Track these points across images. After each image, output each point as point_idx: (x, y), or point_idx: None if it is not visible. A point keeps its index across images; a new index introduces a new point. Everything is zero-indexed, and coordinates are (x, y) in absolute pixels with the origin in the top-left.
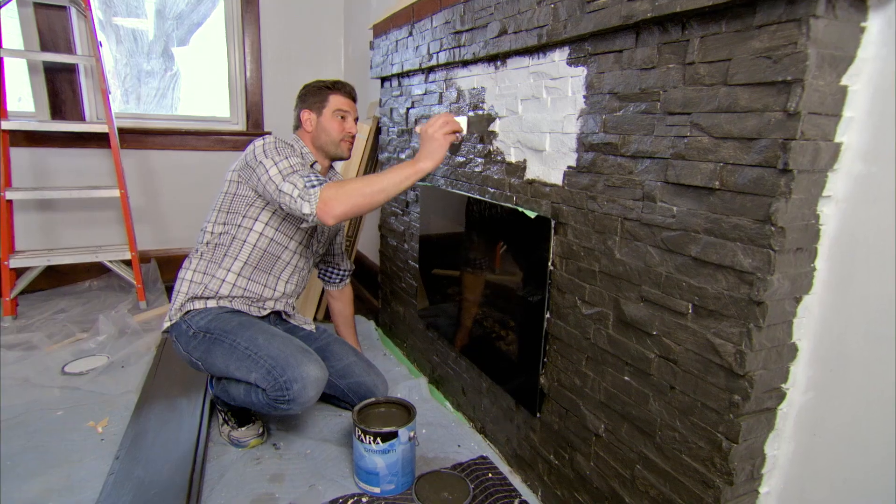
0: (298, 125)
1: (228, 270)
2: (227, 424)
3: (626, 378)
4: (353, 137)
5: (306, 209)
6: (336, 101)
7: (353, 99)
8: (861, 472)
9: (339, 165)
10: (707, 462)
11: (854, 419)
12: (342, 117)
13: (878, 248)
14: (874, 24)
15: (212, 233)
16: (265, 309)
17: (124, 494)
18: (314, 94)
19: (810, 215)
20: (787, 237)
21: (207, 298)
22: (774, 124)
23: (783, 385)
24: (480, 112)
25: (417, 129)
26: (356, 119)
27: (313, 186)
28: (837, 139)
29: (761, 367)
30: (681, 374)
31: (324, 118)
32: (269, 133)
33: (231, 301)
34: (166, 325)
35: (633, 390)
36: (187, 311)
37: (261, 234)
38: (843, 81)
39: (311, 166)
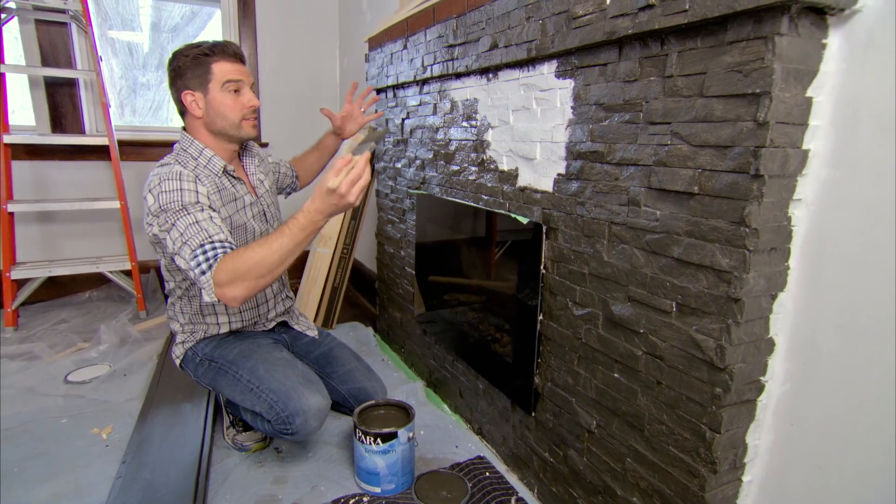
0: (183, 110)
1: (216, 314)
2: (234, 427)
3: (615, 375)
4: (256, 111)
5: (206, 297)
6: (221, 69)
7: (242, 60)
8: (835, 458)
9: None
10: (692, 452)
11: (827, 408)
12: (235, 90)
13: (843, 248)
14: (834, 40)
15: (176, 283)
16: (270, 322)
17: (132, 496)
18: (192, 67)
19: (782, 217)
20: (761, 238)
21: (208, 338)
22: (746, 133)
23: (762, 377)
24: (378, 129)
25: (332, 184)
26: (252, 86)
27: (203, 273)
28: (805, 146)
29: (740, 360)
30: (666, 369)
31: (212, 97)
32: (173, 164)
33: (231, 332)
34: (177, 361)
35: (623, 387)
36: (190, 346)
37: None
38: (808, 93)
39: (226, 172)
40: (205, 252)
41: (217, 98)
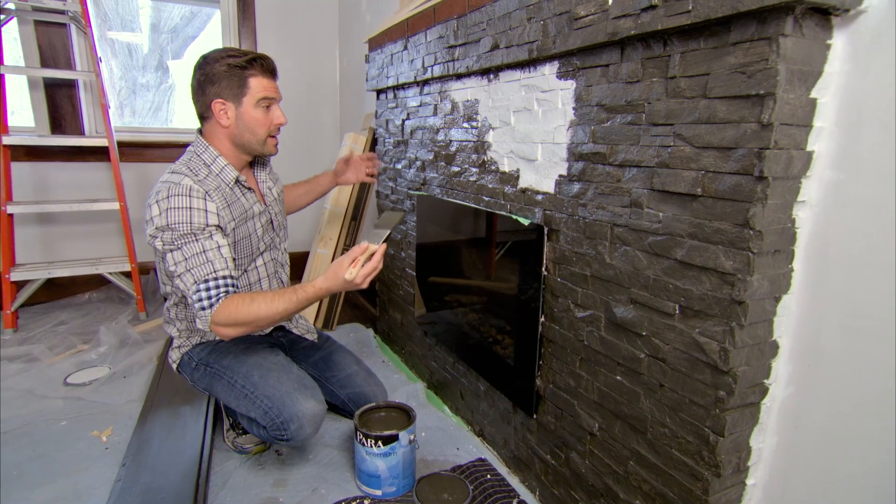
0: (207, 115)
1: None
2: (234, 430)
3: (618, 378)
4: (280, 129)
5: (200, 325)
6: (258, 85)
7: (275, 74)
8: (839, 461)
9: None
10: (696, 456)
11: (831, 411)
12: (267, 106)
13: (848, 250)
14: (839, 41)
15: (173, 288)
16: (267, 327)
17: (132, 500)
18: (227, 77)
19: (786, 219)
20: (765, 240)
21: (204, 342)
22: (750, 135)
23: (765, 380)
24: (395, 211)
25: (348, 276)
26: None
27: (203, 308)
28: (809, 148)
29: (744, 363)
30: (669, 372)
31: (245, 111)
32: (184, 174)
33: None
34: (174, 366)
35: (625, 389)
36: (186, 351)
37: None
38: (813, 94)
39: (237, 182)
40: (208, 289)
41: (249, 113)
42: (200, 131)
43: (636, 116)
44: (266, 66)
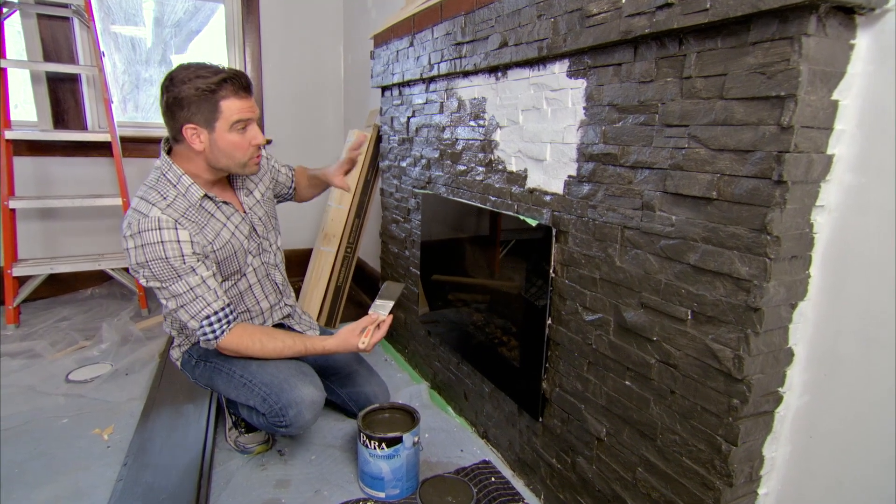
0: (179, 139)
1: None
2: (236, 429)
3: (627, 383)
4: (261, 147)
5: (202, 344)
6: (231, 107)
7: (249, 91)
8: (855, 472)
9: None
10: (707, 464)
11: (847, 421)
12: (243, 128)
13: (868, 256)
14: (862, 41)
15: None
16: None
17: (133, 499)
18: (197, 102)
19: (804, 224)
20: (783, 245)
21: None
22: (769, 137)
23: (780, 389)
24: (395, 282)
25: (361, 345)
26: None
27: (209, 341)
28: (829, 151)
29: (759, 371)
30: (681, 378)
31: (219, 136)
32: (151, 201)
33: None
34: (177, 363)
35: (635, 395)
36: (186, 349)
37: None
38: (834, 96)
39: (208, 199)
40: (210, 324)
41: (224, 137)
42: (169, 150)
43: (649, 117)
44: (239, 85)
